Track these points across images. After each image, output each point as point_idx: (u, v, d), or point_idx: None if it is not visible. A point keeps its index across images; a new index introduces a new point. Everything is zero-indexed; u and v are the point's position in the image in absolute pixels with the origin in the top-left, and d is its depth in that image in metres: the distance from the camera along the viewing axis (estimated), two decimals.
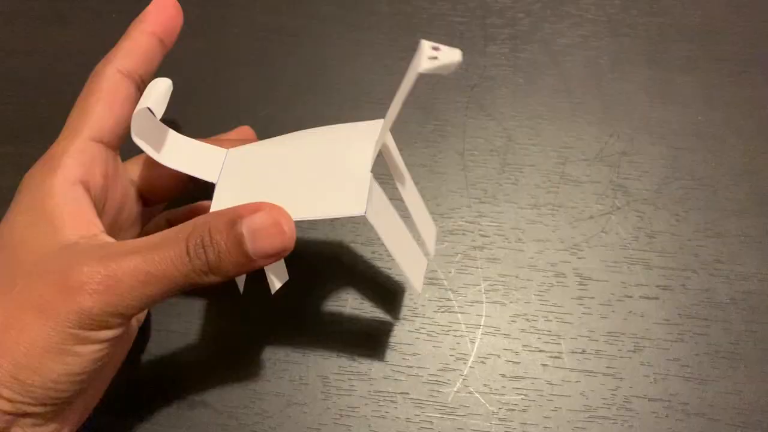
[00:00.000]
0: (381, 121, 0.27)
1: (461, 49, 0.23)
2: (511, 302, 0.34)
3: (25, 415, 0.23)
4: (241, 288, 0.31)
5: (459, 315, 0.34)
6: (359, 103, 0.41)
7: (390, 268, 0.35)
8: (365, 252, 0.36)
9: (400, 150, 0.39)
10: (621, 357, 0.33)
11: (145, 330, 0.34)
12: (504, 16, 0.44)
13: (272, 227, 0.23)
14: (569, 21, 0.44)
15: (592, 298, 0.34)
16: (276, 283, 0.29)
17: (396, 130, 0.40)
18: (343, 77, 0.42)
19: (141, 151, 0.27)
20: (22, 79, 0.42)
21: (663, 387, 0.32)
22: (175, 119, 0.40)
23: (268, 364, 0.33)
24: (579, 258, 0.35)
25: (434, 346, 0.33)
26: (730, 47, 0.42)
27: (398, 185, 0.29)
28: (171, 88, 0.28)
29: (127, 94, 0.28)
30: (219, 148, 0.29)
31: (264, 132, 0.40)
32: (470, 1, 0.44)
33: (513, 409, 0.32)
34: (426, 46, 0.22)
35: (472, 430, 0.31)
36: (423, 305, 0.34)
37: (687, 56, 0.42)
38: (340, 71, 0.42)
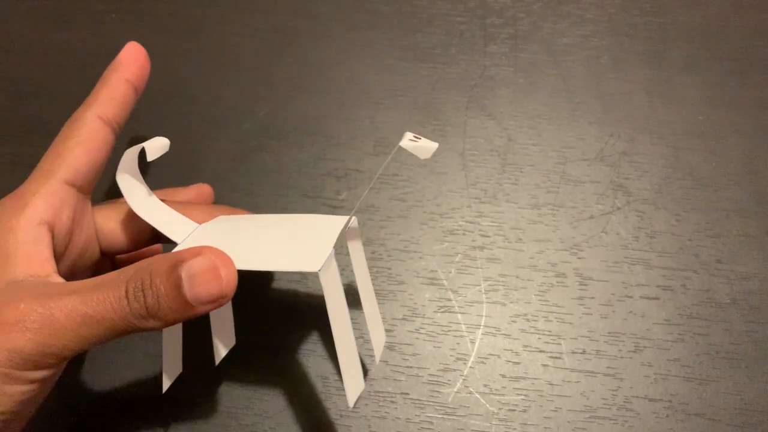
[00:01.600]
0: (347, 217, 0.27)
1: (461, 49, 0.23)
2: (511, 302, 0.34)
3: None
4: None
5: (459, 315, 0.34)
6: (359, 103, 0.41)
7: (390, 268, 0.35)
8: (365, 252, 0.36)
9: (401, 149, 0.39)
10: (621, 357, 0.33)
11: None
12: (504, 15, 0.44)
13: (209, 272, 0.23)
14: (569, 21, 0.44)
15: (593, 298, 0.34)
16: (221, 350, 0.30)
17: (396, 129, 0.40)
18: (343, 77, 0.42)
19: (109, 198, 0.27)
20: (22, 79, 0.42)
21: (663, 387, 0.32)
22: (175, 119, 0.40)
23: (268, 364, 0.33)
24: (579, 258, 0.35)
25: (434, 347, 0.33)
26: (731, 47, 0.42)
27: (358, 283, 0.29)
28: (167, 148, 0.28)
29: (105, 140, 0.28)
30: (190, 220, 0.29)
31: (264, 132, 0.40)
32: (470, 1, 0.44)
33: (513, 410, 0.32)
34: (407, 134, 0.24)
35: (472, 430, 0.31)
36: (423, 305, 0.34)
37: (687, 56, 0.42)
38: (340, 71, 0.42)
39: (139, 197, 0.28)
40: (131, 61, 0.30)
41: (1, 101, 0.41)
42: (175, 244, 0.27)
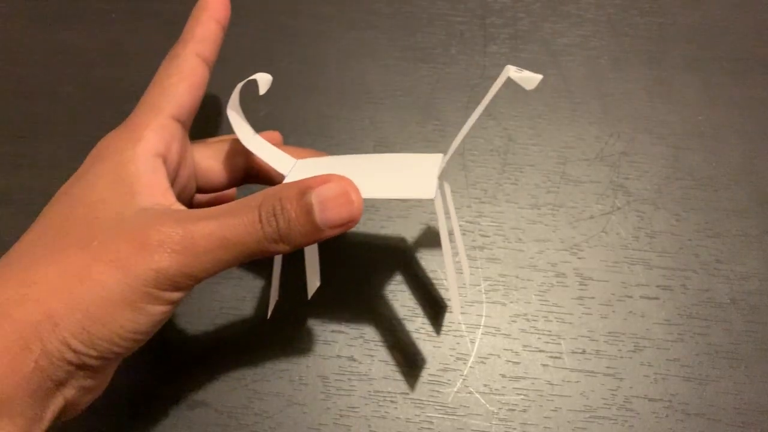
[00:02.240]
0: (440, 155, 0.29)
1: (461, 49, 0.23)
2: (511, 302, 0.34)
3: (84, 367, 0.23)
4: (269, 312, 0.31)
5: (459, 315, 0.34)
6: (359, 103, 0.41)
7: (390, 268, 0.35)
8: (364, 252, 0.36)
9: (401, 149, 0.39)
10: (621, 357, 0.33)
11: None
12: (504, 15, 0.44)
13: (340, 197, 0.24)
14: (569, 21, 0.44)
15: (593, 298, 0.34)
16: (314, 283, 0.32)
17: (396, 129, 0.40)
18: (343, 77, 0.42)
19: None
20: (22, 80, 0.42)
21: (663, 387, 0.32)
22: None
23: (268, 364, 0.33)
24: (579, 258, 0.35)
25: (434, 346, 0.33)
26: (731, 47, 0.42)
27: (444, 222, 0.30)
28: (270, 84, 0.29)
29: (204, 78, 0.29)
30: (289, 156, 0.30)
31: (263, 131, 0.40)
32: (470, 1, 0.44)
33: (513, 410, 0.32)
34: (510, 67, 0.25)
35: (472, 430, 0.31)
36: (423, 305, 0.34)
37: (687, 56, 0.42)
38: (340, 71, 0.42)
39: (247, 132, 0.29)
40: (217, 1, 0.31)
41: (1, 101, 0.41)
42: (264, 186, 0.29)
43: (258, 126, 0.35)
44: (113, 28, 0.44)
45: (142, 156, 0.26)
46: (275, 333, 0.34)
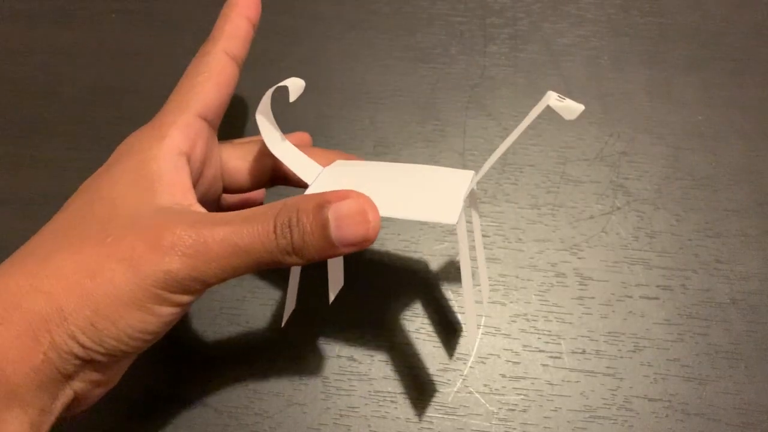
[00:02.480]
0: (471, 172, 0.28)
1: (461, 49, 0.23)
2: (511, 302, 0.34)
3: (92, 362, 0.23)
4: (284, 321, 0.31)
5: (459, 315, 0.34)
6: (359, 103, 0.41)
7: (390, 268, 0.35)
8: (365, 253, 0.36)
9: (401, 149, 0.39)
10: (621, 357, 0.33)
11: None
12: (504, 15, 0.44)
13: (357, 215, 0.24)
14: (569, 21, 0.44)
15: (593, 298, 0.34)
16: (335, 288, 0.31)
17: (396, 129, 0.40)
18: (343, 77, 0.42)
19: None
20: (22, 79, 0.42)
21: (663, 387, 0.32)
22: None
23: (268, 364, 0.33)
24: (579, 258, 0.35)
25: (434, 346, 0.33)
26: (731, 47, 0.42)
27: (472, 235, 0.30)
28: (303, 89, 0.29)
29: (233, 76, 0.29)
30: (316, 164, 0.30)
31: None
32: (470, 1, 0.44)
33: (513, 409, 0.32)
34: (552, 94, 0.24)
35: (472, 430, 0.31)
36: (423, 305, 0.34)
37: (687, 56, 0.42)
38: (340, 71, 0.42)
39: (274, 138, 0.29)
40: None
41: (1, 101, 0.41)
42: (292, 189, 0.28)
43: (258, 128, 0.35)
44: (113, 28, 0.44)
45: (167, 154, 0.26)
46: (275, 333, 0.34)
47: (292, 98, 0.28)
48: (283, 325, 0.31)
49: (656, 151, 0.39)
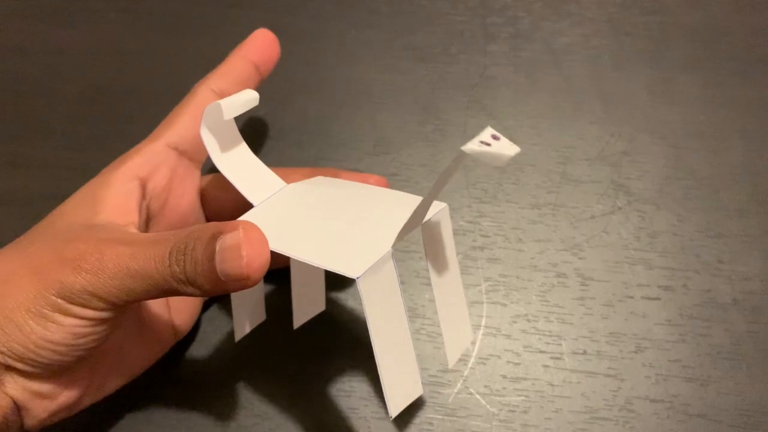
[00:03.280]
0: (435, 207, 0.26)
1: (462, 48, 0.23)
2: (511, 303, 0.34)
3: (9, 368, 0.24)
4: (237, 337, 0.31)
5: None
6: (359, 103, 0.40)
7: None
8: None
9: (401, 148, 0.39)
10: (622, 358, 0.33)
11: None
12: (504, 15, 0.44)
13: (235, 249, 0.22)
14: (570, 20, 0.43)
15: (594, 298, 0.34)
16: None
17: (396, 129, 0.40)
18: (343, 77, 0.42)
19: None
20: (22, 79, 0.42)
21: (664, 388, 0.32)
22: None
23: (268, 364, 0.33)
24: (580, 258, 0.35)
25: (434, 347, 0.33)
26: (732, 46, 0.42)
27: (432, 273, 0.27)
28: (255, 102, 0.28)
29: None
30: (279, 178, 0.29)
31: (263, 131, 0.40)
32: (470, 0, 0.44)
33: (514, 411, 0.32)
34: (487, 131, 0.20)
35: (472, 431, 0.31)
36: (423, 305, 0.34)
37: (688, 55, 0.42)
38: (340, 71, 0.42)
39: (224, 152, 0.28)
40: (255, 41, 0.32)
41: (1, 101, 0.41)
42: None
43: (258, 125, 0.35)
44: (113, 28, 0.44)
45: (118, 179, 0.27)
46: (275, 333, 0.33)
47: (227, 117, 0.26)
48: (236, 340, 0.30)
49: (657, 150, 0.39)
